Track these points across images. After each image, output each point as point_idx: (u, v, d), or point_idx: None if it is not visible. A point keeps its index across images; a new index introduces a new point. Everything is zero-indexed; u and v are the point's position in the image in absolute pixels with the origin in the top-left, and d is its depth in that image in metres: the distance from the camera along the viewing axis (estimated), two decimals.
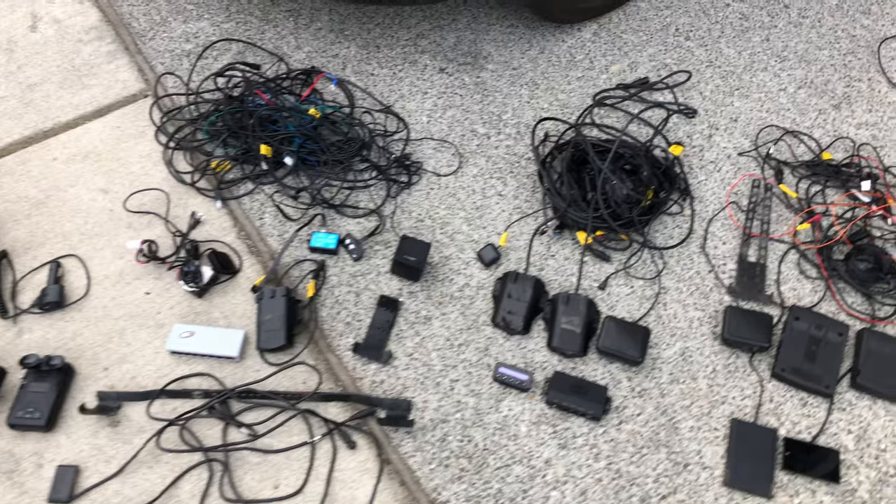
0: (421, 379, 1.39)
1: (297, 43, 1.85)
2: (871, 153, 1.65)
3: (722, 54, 1.83)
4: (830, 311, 1.46)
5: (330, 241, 1.51)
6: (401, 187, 1.61)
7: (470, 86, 1.78)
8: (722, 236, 1.55)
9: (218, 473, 1.29)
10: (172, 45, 1.85)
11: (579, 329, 1.40)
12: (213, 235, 1.55)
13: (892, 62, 1.81)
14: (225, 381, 1.38)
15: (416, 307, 1.47)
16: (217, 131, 1.62)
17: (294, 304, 1.43)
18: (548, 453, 1.32)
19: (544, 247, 1.54)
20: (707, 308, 1.46)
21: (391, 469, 1.31)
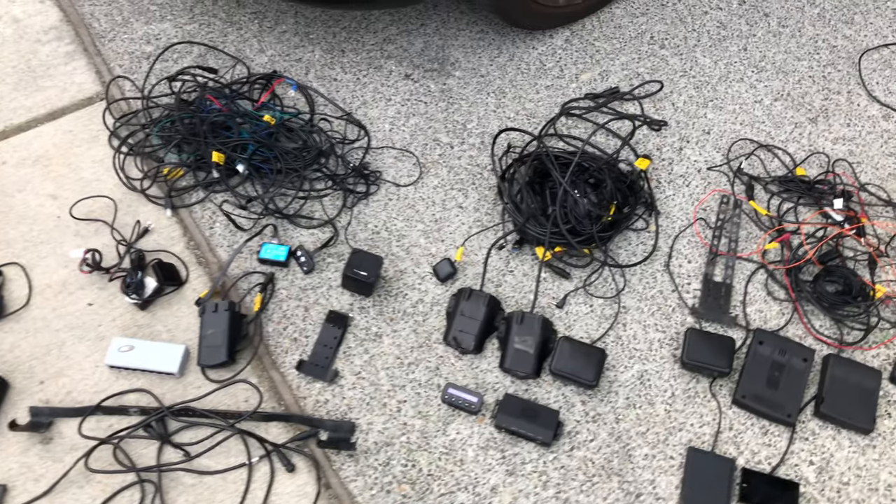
0: (367, 399, 1.34)
1: (261, 46, 1.80)
2: (846, 169, 1.59)
3: (697, 64, 1.77)
4: (797, 334, 1.40)
5: (280, 252, 1.46)
6: (358, 198, 1.56)
7: (435, 93, 1.73)
8: (688, 254, 1.49)
9: (150, 495, 1.24)
10: (133, 46, 1.80)
11: (533, 349, 1.34)
12: (161, 245, 1.51)
13: (872, 74, 1.74)
14: (164, 398, 1.33)
15: (366, 323, 1.41)
16: (169, 137, 1.57)
17: (238, 319, 1.38)
18: (494, 480, 1.27)
19: (503, 262, 1.48)
20: (668, 329, 1.41)
21: (331, 494, 1.26)
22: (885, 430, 1.30)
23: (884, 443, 1.29)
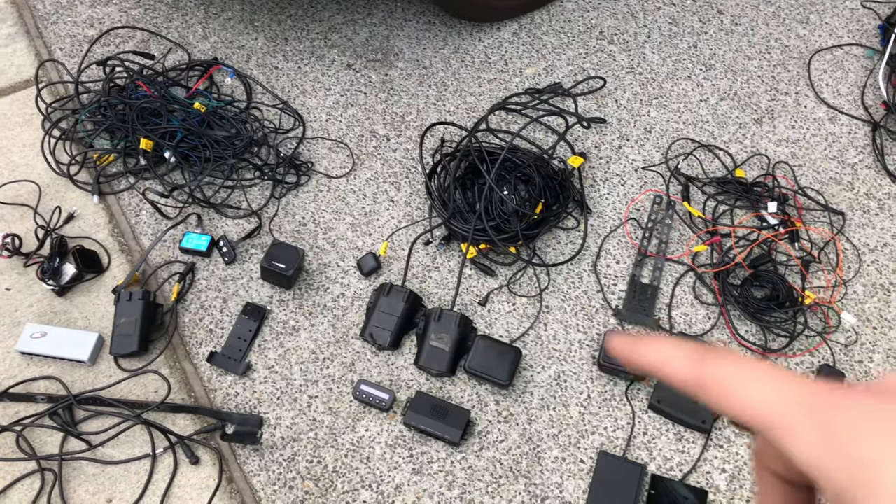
0: (278, 394, 1.32)
1: (205, 33, 1.78)
2: (787, 172, 1.56)
3: (645, 60, 1.74)
4: (722, 339, 1.37)
5: (202, 242, 1.44)
6: (287, 188, 1.54)
7: (376, 84, 1.70)
8: (616, 254, 1.46)
9: (50, 484, 1.23)
10: (75, 29, 1.78)
11: (448, 347, 1.32)
12: (85, 231, 1.49)
13: (822, 76, 1.71)
14: (74, 386, 1.32)
15: (284, 316, 1.40)
16: (97, 123, 1.55)
17: (154, 308, 1.37)
18: (400, 478, 1.25)
19: (429, 258, 1.46)
20: (590, 330, 1.38)
21: (233, 488, 1.25)
22: None
23: None
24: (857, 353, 1.36)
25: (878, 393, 0.25)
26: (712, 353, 0.29)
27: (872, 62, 1.73)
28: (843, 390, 0.25)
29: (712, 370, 0.28)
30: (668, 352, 0.30)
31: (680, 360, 0.30)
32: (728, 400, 0.28)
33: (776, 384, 0.26)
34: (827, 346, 1.36)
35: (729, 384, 0.28)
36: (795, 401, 0.26)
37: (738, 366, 0.28)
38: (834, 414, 0.24)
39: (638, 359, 0.31)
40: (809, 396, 0.25)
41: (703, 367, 0.29)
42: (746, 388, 0.27)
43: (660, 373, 0.31)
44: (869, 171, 1.57)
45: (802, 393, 0.26)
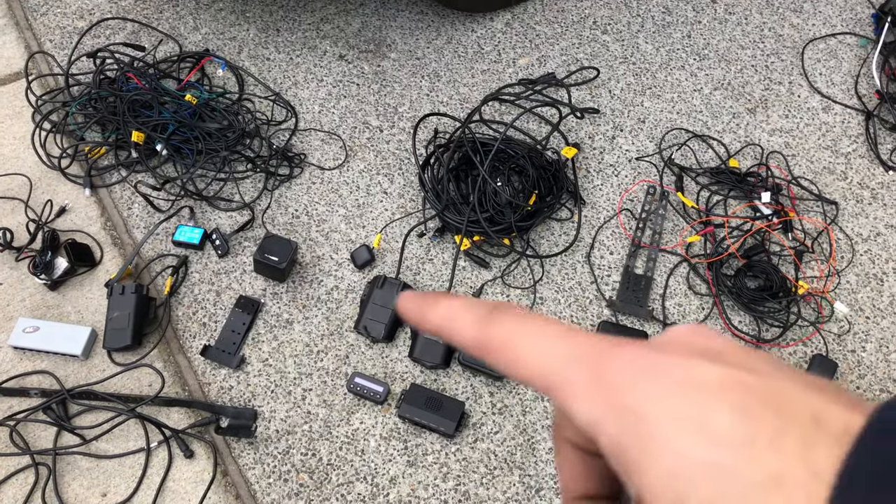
0: (272, 387, 1.32)
1: (196, 24, 1.77)
2: (780, 162, 1.56)
3: (639, 50, 1.74)
4: (716, 330, 1.37)
5: (194, 235, 1.43)
6: (280, 180, 1.53)
7: (369, 75, 1.69)
8: (610, 245, 1.46)
9: (44, 479, 1.23)
10: (65, 21, 1.77)
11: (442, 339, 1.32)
12: (77, 224, 1.48)
13: (816, 65, 1.70)
14: (67, 380, 1.32)
15: (277, 309, 1.39)
16: (87, 115, 1.54)
17: (147, 302, 1.36)
18: (394, 471, 1.25)
19: (423, 250, 1.46)
20: (584, 321, 1.38)
21: (228, 481, 1.25)
22: None
23: None
24: (850, 342, 1.36)
25: (655, 346, 0.24)
26: (498, 311, 0.27)
27: (866, 51, 1.73)
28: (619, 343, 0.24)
29: (497, 329, 0.26)
30: (454, 310, 0.28)
31: (466, 319, 0.28)
32: (511, 360, 0.26)
33: (557, 341, 0.25)
34: (820, 336, 1.36)
35: (512, 344, 0.26)
36: (574, 356, 0.24)
37: (520, 324, 0.26)
38: (609, 366, 0.23)
39: (425, 319, 0.29)
40: (587, 351, 0.24)
41: (488, 326, 0.27)
42: (528, 346, 0.25)
43: (447, 333, 0.28)
44: (862, 160, 1.57)
45: (581, 348, 0.24)
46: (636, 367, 0.23)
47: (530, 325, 0.26)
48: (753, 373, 0.22)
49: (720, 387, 0.21)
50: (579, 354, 0.24)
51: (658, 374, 0.22)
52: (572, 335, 0.25)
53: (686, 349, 0.24)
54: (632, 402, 0.22)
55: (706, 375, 0.22)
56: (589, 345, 0.24)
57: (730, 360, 0.23)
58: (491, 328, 0.27)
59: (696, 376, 0.22)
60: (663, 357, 0.23)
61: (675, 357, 0.23)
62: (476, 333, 0.27)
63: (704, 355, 0.23)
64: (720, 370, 0.22)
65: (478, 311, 0.28)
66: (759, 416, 0.21)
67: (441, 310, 0.29)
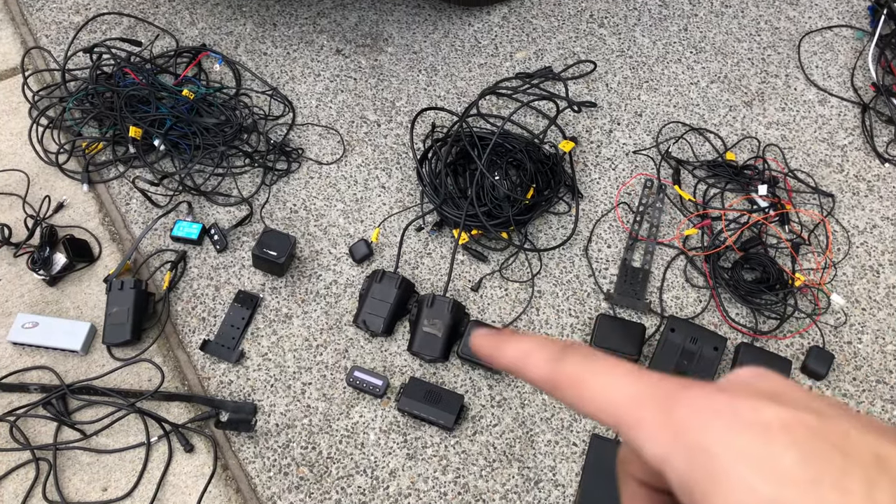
0: (272, 381, 1.33)
1: (192, 19, 1.76)
2: (777, 155, 1.56)
3: (635, 43, 1.74)
4: (713, 322, 1.38)
5: (193, 230, 1.44)
6: (278, 175, 1.53)
7: (366, 69, 1.70)
8: (608, 239, 1.47)
9: (45, 473, 1.24)
10: (61, 16, 1.76)
11: (441, 333, 1.33)
12: (75, 220, 1.48)
13: (812, 57, 1.71)
14: (67, 376, 1.32)
15: (276, 304, 1.40)
16: (84, 111, 1.54)
17: (146, 297, 1.37)
18: (394, 464, 1.26)
19: (421, 244, 1.46)
20: (582, 314, 1.39)
21: (228, 475, 1.25)
22: None
23: None
24: (847, 334, 1.37)
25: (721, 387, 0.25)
26: (569, 351, 0.29)
27: (862, 43, 1.73)
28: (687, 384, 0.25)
29: (568, 367, 0.28)
30: (527, 349, 0.30)
31: (538, 357, 0.29)
32: (582, 397, 0.27)
33: (626, 379, 0.26)
34: (817, 328, 1.37)
35: (582, 381, 0.27)
36: (643, 395, 0.25)
37: (591, 363, 0.28)
38: (679, 406, 0.24)
39: (499, 357, 0.31)
40: (655, 390, 0.25)
41: (560, 364, 0.28)
42: (598, 384, 0.27)
43: (520, 371, 0.30)
44: (858, 152, 1.58)
45: (650, 388, 0.26)
46: (704, 407, 0.24)
47: (600, 364, 0.27)
48: (816, 414, 0.23)
49: (785, 428, 0.23)
50: (648, 393, 0.25)
51: (725, 415, 0.24)
52: (641, 375, 0.26)
53: (751, 391, 0.25)
54: (701, 439, 0.23)
55: (772, 417, 0.23)
56: (657, 385, 0.26)
57: (793, 402, 0.24)
58: (562, 366, 0.28)
59: (763, 417, 0.23)
60: (730, 398, 0.24)
61: (741, 398, 0.24)
62: (548, 371, 0.29)
63: (769, 397, 0.24)
64: (785, 412, 0.23)
65: (550, 349, 0.29)
66: (823, 456, 0.22)
67: (514, 349, 0.30)
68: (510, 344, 0.30)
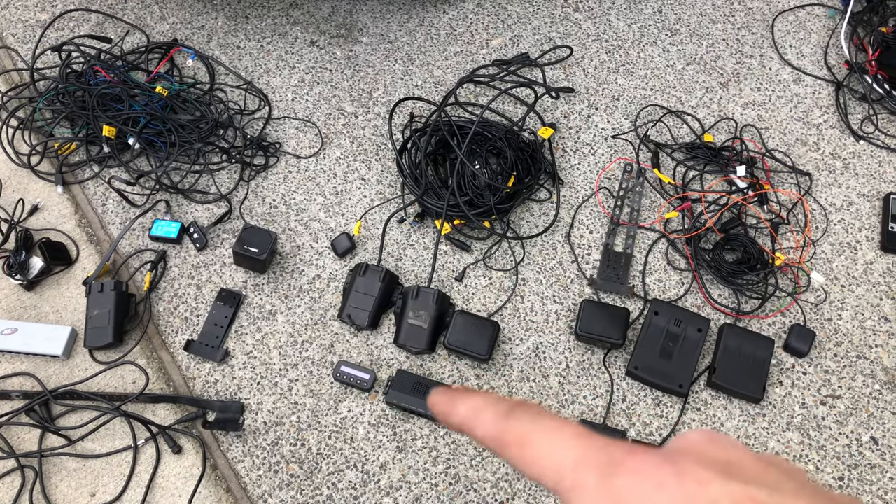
0: (258, 379, 1.32)
1: (162, 13, 1.73)
2: (754, 135, 1.57)
3: (611, 27, 1.73)
4: (696, 304, 1.39)
5: (171, 229, 1.42)
6: (256, 170, 1.51)
7: (341, 60, 1.68)
8: (589, 224, 1.47)
9: (31, 481, 1.22)
10: (27, 14, 1.73)
11: (427, 324, 1.32)
12: (51, 223, 1.46)
13: (786, 37, 1.72)
14: (49, 381, 1.30)
15: (260, 301, 1.39)
16: (55, 111, 1.51)
17: (126, 298, 1.35)
18: (384, 457, 1.26)
19: (404, 236, 1.46)
20: (566, 301, 1.39)
21: (218, 475, 1.24)
22: (776, 398, 1.31)
23: (773, 411, 1.30)
24: (827, 311, 1.39)
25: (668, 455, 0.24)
26: (518, 409, 0.28)
27: (835, 22, 1.74)
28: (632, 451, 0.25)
29: (514, 426, 0.27)
30: (477, 406, 0.29)
31: (487, 415, 0.29)
32: (524, 457, 0.27)
33: (571, 442, 0.26)
34: (798, 306, 1.38)
35: (527, 441, 0.27)
36: (586, 460, 0.25)
37: (537, 423, 0.27)
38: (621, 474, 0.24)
39: (451, 415, 0.30)
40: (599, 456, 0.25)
41: (507, 423, 0.28)
42: (543, 445, 0.26)
43: (469, 429, 0.29)
44: (833, 130, 1.59)
45: (594, 452, 0.25)
46: (648, 477, 0.23)
47: (546, 425, 0.27)
48: (769, 490, 0.22)
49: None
50: (592, 457, 0.25)
51: (670, 488, 0.23)
52: (586, 438, 0.26)
53: (700, 460, 0.24)
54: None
55: (720, 493, 0.22)
56: (602, 450, 0.25)
57: (744, 474, 0.23)
58: (509, 425, 0.28)
59: (710, 494, 0.22)
60: (677, 470, 0.23)
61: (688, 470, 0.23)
62: (495, 430, 0.28)
63: (720, 468, 0.23)
64: (736, 488, 0.22)
65: (498, 408, 0.29)
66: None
67: (464, 407, 0.30)
68: (462, 401, 0.30)
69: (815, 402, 1.30)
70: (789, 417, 1.29)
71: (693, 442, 0.26)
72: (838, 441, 1.27)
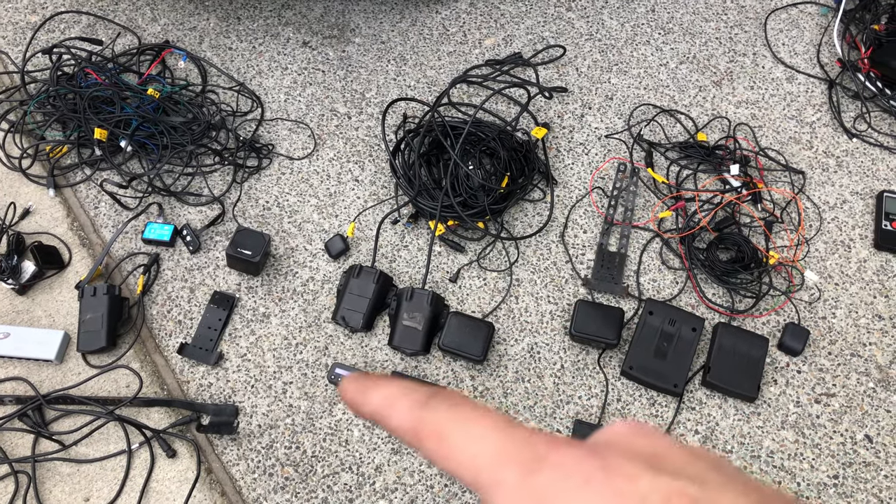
0: (252, 382, 1.31)
1: (153, 15, 1.73)
2: (747, 134, 1.57)
3: (604, 26, 1.73)
4: (690, 303, 1.39)
5: (164, 232, 1.41)
6: (248, 172, 1.51)
7: (334, 61, 1.67)
8: (583, 224, 1.47)
9: (24, 486, 1.22)
10: (17, 16, 1.72)
11: (421, 326, 1.32)
12: (43, 226, 1.45)
13: (779, 35, 1.72)
14: (42, 386, 1.30)
15: (253, 304, 1.38)
16: (47, 113, 1.50)
17: (120, 302, 1.34)
18: (379, 459, 1.26)
19: (398, 237, 1.45)
20: (561, 301, 1.39)
21: (212, 478, 1.24)
22: (771, 396, 1.31)
23: (768, 410, 1.30)
24: (821, 309, 1.39)
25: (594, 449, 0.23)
26: (437, 398, 0.26)
27: (827, 20, 1.74)
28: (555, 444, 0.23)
29: (431, 416, 0.25)
30: (392, 395, 0.27)
31: (402, 404, 0.26)
32: (441, 451, 0.25)
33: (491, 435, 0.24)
34: (792, 305, 1.38)
35: (444, 434, 0.25)
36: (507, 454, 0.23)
37: (455, 413, 0.25)
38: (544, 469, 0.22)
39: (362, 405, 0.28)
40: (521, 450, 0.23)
41: (423, 412, 0.26)
42: (460, 437, 0.24)
43: (382, 419, 0.27)
44: (826, 128, 1.59)
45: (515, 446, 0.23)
46: (573, 472, 0.22)
47: (465, 415, 0.25)
48: (699, 484, 0.21)
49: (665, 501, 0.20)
50: (512, 453, 0.23)
51: (596, 484, 0.21)
52: (507, 430, 0.24)
53: (627, 453, 0.23)
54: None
55: (649, 488, 0.21)
56: (524, 443, 0.23)
57: (674, 468, 0.22)
58: (426, 414, 0.25)
59: (639, 488, 0.21)
60: (603, 464, 0.22)
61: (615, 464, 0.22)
62: (410, 420, 0.26)
63: (647, 461, 0.22)
64: (665, 482, 0.21)
65: (414, 397, 0.26)
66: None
67: (378, 395, 0.27)
68: (375, 390, 0.28)
69: (809, 401, 1.30)
70: (784, 416, 1.29)
71: (618, 433, 0.24)
72: (833, 439, 1.27)
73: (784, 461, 1.25)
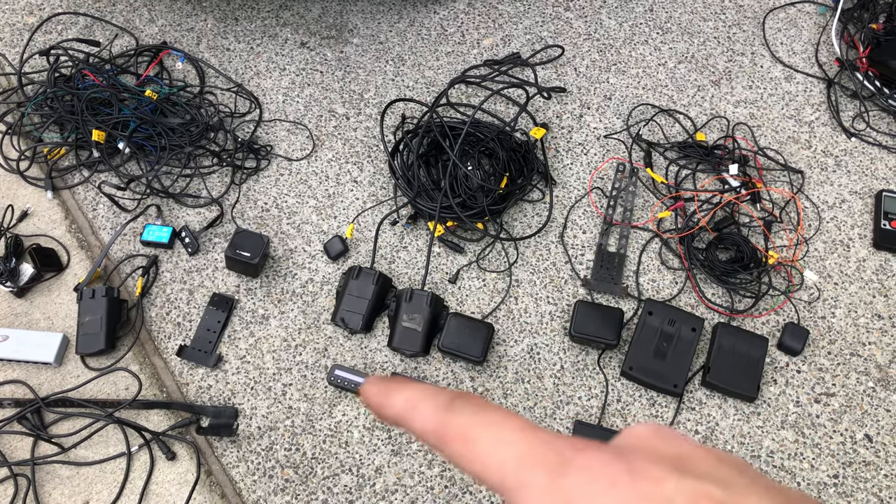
0: (252, 384, 1.31)
1: (151, 16, 1.72)
2: (746, 133, 1.57)
3: (602, 26, 1.73)
4: (690, 303, 1.39)
5: (163, 234, 1.41)
6: (247, 174, 1.51)
7: (332, 62, 1.67)
8: (582, 224, 1.47)
9: (24, 489, 1.21)
10: (14, 17, 1.71)
11: (421, 327, 1.32)
12: (41, 229, 1.45)
13: (777, 34, 1.72)
14: (41, 388, 1.30)
15: (252, 305, 1.38)
16: (44, 115, 1.50)
17: (118, 304, 1.34)
18: (379, 461, 1.25)
19: (397, 238, 1.45)
20: (560, 302, 1.39)
21: (212, 480, 1.24)
22: (771, 396, 1.31)
23: (768, 409, 1.30)
24: (820, 309, 1.39)
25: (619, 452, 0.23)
26: (459, 401, 0.26)
27: (825, 19, 1.74)
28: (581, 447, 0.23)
29: (455, 419, 0.25)
30: (415, 398, 0.27)
31: (426, 407, 0.27)
32: (467, 454, 0.25)
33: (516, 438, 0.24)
34: (791, 304, 1.38)
35: (469, 436, 0.25)
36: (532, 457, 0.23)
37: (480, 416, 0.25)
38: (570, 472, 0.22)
39: (386, 407, 0.28)
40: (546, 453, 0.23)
41: (448, 415, 0.26)
42: (486, 440, 0.24)
43: (406, 422, 0.27)
44: (825, 128, 1.59)
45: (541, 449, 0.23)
46: (599, 475, 0.22)
47: (490, 418, 0.25)
48: (724, 486, 0.21)
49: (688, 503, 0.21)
50: (539, 456, 0.23)
51: (623, 487, 0.21)
52: (532, 433, 0.24)
53: (651, 456, 0.23)
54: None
55: (675, 490, 0.21)
56: (549, 446, 0.23)
57: (699, 471, 0.22)
58: (450, 417, 0.26)
59: (665, 491, 0.21)
60: (629, 467, 0.22)
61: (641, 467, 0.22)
62: (435, 423, 0.26)
63: (672, 464, 0.22)
64: (690, 484, 0.21)
65: (438, 399, 0.27)
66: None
67: (401, 398, 0.28)
68: (398, 393, 0.28)
69: (809, 401, 1.30)
70: (784, 416, 1.29)
71: (642, 436, 0.25)
72: (832, 439, 1.27)
73: (784, 461, 1.25)
